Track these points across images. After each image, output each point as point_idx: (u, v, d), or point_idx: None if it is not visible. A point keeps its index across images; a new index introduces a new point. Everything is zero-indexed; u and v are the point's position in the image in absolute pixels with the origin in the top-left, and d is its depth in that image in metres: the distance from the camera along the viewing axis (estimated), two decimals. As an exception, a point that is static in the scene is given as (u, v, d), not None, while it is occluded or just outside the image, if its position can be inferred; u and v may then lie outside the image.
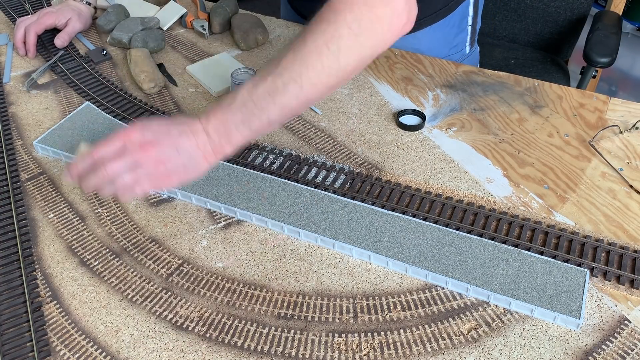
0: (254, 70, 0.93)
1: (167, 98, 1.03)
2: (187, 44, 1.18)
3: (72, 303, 0.69)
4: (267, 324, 0.67)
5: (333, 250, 0.75)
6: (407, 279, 0.71)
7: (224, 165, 0.85)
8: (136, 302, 0.69)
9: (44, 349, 0.64)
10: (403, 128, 0.94)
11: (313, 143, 0.92)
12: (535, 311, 0.66)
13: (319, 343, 0.65)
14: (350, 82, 1.05)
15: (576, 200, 0.80)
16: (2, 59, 1.14)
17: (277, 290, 0.70)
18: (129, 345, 0.65)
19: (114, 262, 0.74)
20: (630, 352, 0.62)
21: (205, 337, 0.66)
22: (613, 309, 0.67)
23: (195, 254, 0.75)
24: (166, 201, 0.82)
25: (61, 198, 0.83)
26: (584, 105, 0.98)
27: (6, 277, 0.72)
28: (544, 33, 1.58)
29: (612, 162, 0.86)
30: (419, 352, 0.63)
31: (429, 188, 0.83)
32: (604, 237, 0.75)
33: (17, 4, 1.31)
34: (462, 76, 1.05)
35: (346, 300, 0.69)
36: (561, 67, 1.55)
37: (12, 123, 0.97)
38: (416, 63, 1.09)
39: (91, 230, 0.78)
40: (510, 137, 0.92)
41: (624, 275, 0.69)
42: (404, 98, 1.01)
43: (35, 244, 0.77)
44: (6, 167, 0.88)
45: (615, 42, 1.39)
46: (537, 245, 0.73)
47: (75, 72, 1.08)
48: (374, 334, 0.65)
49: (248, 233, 0.77)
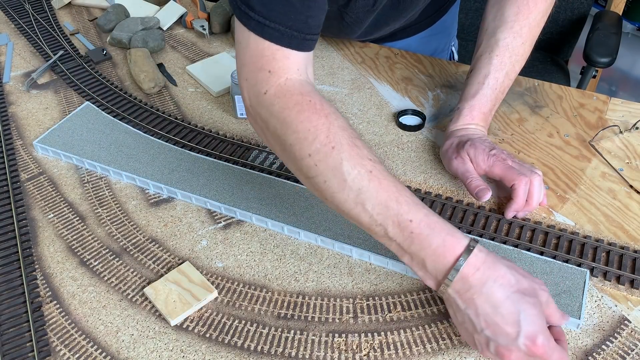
0: (254, 70, 0.93)
1: (167, 98, 1.03)
2: (187, 44, 1.18)
3: (72, 303, 0.69)
4: (267, 324, 0.67)
5: (333, 250, 0.75)
6: (407, 279, 0.71)
7: (224, 165, 0.85)
8: (136, 302, 0.69)
9: (44, 349, 0.64)
10: (403, 128, 0.94)
11: (313, 143, 0.91)
12: (535, 311, 0.66)
13: (319, 343, 0.65)
14: (350, 82, 1.05)
15: (576, 200, 0.80)
16: (2, 59, 1.14)
17: (277, 290, 0.70)
18: (129, 345, 0.65)
19: (114, 262, 0.74)
20: (630, 352, 0.62)
21: (205, 337, 0.66)
22: (613, 309, 0.67)
23: (195, 254, 0.75)
24: (166, 201, 0.82)
25: (61, 198, 0.83)
26: (584, 105, 0.98)
27: (6, 277, 0.72)
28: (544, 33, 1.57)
29: (612, 162, 0.86)
30: (419, 352, 0.63)
31: (429, 188, 0.83)
32: (604, 237, 0.75)
33: (17, 4, 1.31)
34: (462, 76, 1.05)
35: (346, 300, 0.69)
36: (561, 67, 1.55)
37: (12, 123, 0.97)
38: (416, 63, 1.09)
39: (91, 230, 0.78)
40: (510, 137, 0.92)
41: (624, 276, 0.69)
42: (404, 98, 1.01)
43: (35, 244, 0.77)
44: (6, 167, 0.88)
45: (615, 42, 1.39)
46: (537, 245, 0.73)
47: (75, 72, 1.08)
48: (374, 334, 0.65)
49: (248, 233, 0.77)
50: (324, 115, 0.61)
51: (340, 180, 0.59)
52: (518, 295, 0.54)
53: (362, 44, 1.14)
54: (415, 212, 0.57)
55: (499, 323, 0.54)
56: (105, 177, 0.86)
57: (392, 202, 0.58)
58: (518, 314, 0.53)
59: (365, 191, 0.58)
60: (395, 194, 0.58)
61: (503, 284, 0.54)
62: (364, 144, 0.62)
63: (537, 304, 0.54)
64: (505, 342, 0.54)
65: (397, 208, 0.57)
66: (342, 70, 1.08)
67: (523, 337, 0.53)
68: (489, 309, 0.54)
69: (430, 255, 0.57)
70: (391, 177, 0.60)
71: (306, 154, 0.60)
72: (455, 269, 0.55)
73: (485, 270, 0.55)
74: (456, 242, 0.56)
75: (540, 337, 0.53)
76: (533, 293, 0.55)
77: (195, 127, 0.94)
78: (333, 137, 0.59)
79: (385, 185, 0.58)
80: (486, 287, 0.54)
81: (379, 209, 0.58)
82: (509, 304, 0.54)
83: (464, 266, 0.55)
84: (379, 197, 0.58)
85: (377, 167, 0.59)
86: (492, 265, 0.55)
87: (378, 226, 0.59)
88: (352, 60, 1.11)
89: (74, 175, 0.87)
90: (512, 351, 0.54)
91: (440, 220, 0.58)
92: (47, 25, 1.23)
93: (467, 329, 0.57)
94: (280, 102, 0.62)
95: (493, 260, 0.56)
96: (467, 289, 0.55)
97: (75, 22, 1.26)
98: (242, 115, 0.96)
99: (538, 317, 0.54)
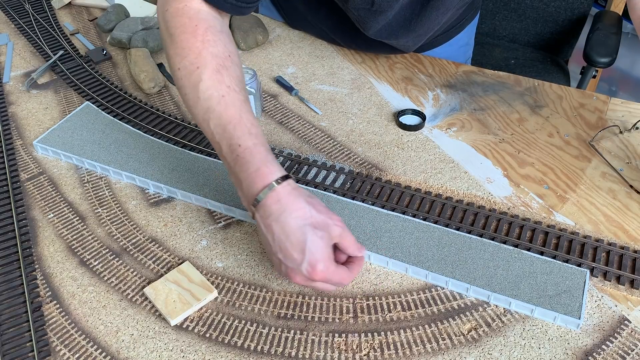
0: (254, 71, 0.93)
1: (167, 98, 1.03)
2: (187, 44, 1.18)
3: (72, 303, 0.69)
4: (267, 324, 0.67)
5: (333, 250, 0.74)
6: (407, 279, 0.71)
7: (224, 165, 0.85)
8: (136, 302, 0.69)
9: (44, 349, 0.64)
10: (403, 128, 0.94)
11: (313, 143, 0.92)
12: (535, 311, 0.66)
13: (319, 343, 0.65)
14: (350, 82, 1.05)
15: (576, 200, 0.80)
16: (2, 59, 1.14)
17: (277, 290, 0.70)
18: (129, 345, 0.65)
19: (114, 262, 0.74)
20: (630, 352, 0.62)
21: (205, 337, 0.66)
22: (613, 309, 0.67)
23: (195, 254, 0.75)
24: (166, 201, 0.82)
25: (61, 198, 0.83)
26: (584, 105, 0.98)
27: (6, 277, 0.72)
28: (544, 33, 1.58)
29: (612, 162, 0.86)
30: (419, 352, 0.63)
31: (429, 188, 0.83)
32: (604, 237, 0.75)
33: (17, 4, 1.31)
34: (462, 76, 1.05)
35: (346, 300, 0.69)
36: (561, 67, 1.55)
37: (12, 123, 0.97)
38: (416, 63, 1.09)
39: (91, 230, 0.78)
40: (511, 137, 0.92)
41: (624, 276, 0.69)
42: (404, 98, 1.01)
43: (35, 244, 0.77)
44: (6, 167, 0.88)
45: (615, 42, 1.39)
46: (537, 245, 0.73)
47: (75, 72, 1.08)
48: (374, 334, 0.65)
49: (248, 233, 0.77)
50: (201, 41, 0.69)
51: (195, 97, 0.68)
52: (309, 228, 0.61)
53: (362, 44, 1.14)
54: (246, 139, 0.65)
55: (288, 249, 0.61)
56: (105, 177, 0.86)
57: (230, 126, 0.66)
58: (304, 243, 0.60)
59: (211, 111, 0.67)
60: (236, 120, 0.66)
61: (298, 216, 0.61)
62: (235, 74, 0.69)
63: (325, 237, 0.61)
64: (292, 266, 0.62)
65: (232, 132, 0.65)
66: (342, 70, 1.08)
67: (306, 263, 0.60)
68: (282, 236, 0.61)
69: (245, 179, 0.64)
70: (242, 106, 0.67)
71: (177, 67, 0.70)
72: (260, 196, 0.63)
73: (285, 202, 0.62)
74: (268, 172, 0.63)
75: (320, 265, 0.60)
76: (324, 227, 0.62)
77: (195, 127, 0.94)
78: (202, 60, 0.68)
79: (230, 111, 0.66)
80: (282, 216, 0.62)
81: (219, 130, 0.66)
82: (299, 234, 0.61)
83: (268, 195, 0.62)
84: (221, 120, 0.66)
85: (231, 95, 0.67)
86: (293, 199, 0.62)
87: (216, 143, 0.67)
88: (352, 60, 1.11)
89: (74, 175, 0.87)
90: (297, 274, 0.62)
91: (266, 153, 0.65)
92: (47, 25, 1.23)
93: (268, 251, 0.65)
94: (173, 20, 0.72)
95: (296, 195, 0.63)
96: (268, 216, 0.62)
97: (75, 22, 1.26)
98: (242, 115, 0.96)
99: (322, 248, 0.61)
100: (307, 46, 1.15)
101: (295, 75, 1.07)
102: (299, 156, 0.88)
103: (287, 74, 1.07)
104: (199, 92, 0.67)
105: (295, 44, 1.16)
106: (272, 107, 1.00)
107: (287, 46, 1.16)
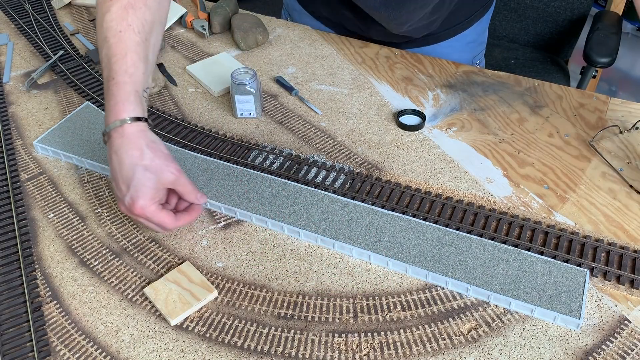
0: (254, 71, 0.93)
1: (167, 98, 1.03)
2: (187, 44, 1.18)
3: (72, 303, 0.69)
4: (267, 324, 0.67)
5: (333, 250, 0.75)
6: (407, 279, 0.71)
7: (224, 165, 0.85)
8: (136, 302, 0.69)
9: (44, 349, 0.64)
10: (403, 128, 0.94)
11: (313, 143, 0.92)
12: (535, 311, 0.66)
13: (319, 343, 0.65)
14: (350, 82, 1.05)
15: (576, 200, 0.80)
16: (2, 59, 1.14)
17: (277, 290, 0.70)
18: (129, 345, 0.65)
19: (114, 262, 0.74)
20: (630, 352, 0.62)
21: (205, 337, 0.66)
22: (613, 309, 0.67)
23: (195, 254, 0.75)
24: (166, 201, 0.82)
25: (61, 198, 0.83)
26: (584, 105, 0.98)
27: (6, 277, 0.72)
28: (544, 33, 1.58)
29: (612, 162, 0.86)
30: (419, 352, 0.63)
31: (429, 188, 0.83)
32: (604, 237, 0.75)
33: (17, 4, 1.31)
34: (462, 76, 1.05)
35: (346, 300, 0.69)
36: (561, 67, 1.55)
37: (12, 123, 0.97)
38: (416, 63, 1.09)
39: (91, 230, 0.78)
40: (510, 137, 0.92)
41: (624, 275, 0.69)
42: (404, 98, 1.01)
43: (35, 244, 0.77)
44: (6, 167, 0.88)
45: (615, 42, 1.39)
46: (537, 245, 0.73)
47: (75, 72, 1.08)
48: (374, 334, 0.65)
49: (248, 233, 0.77)
50: None
51: (100, 24, 0.76)
52: (140, 168, 0.69)
53: (362, 44, 1.14)
54: (121, 75, 0.72)
55: (118, 180, 0.70)
56: (105, 177, 0.86)
57: (113, 59, 0.73)
58: (131, 180, 0.69)
59: (105, 41, 0.74)
60: (120, 56, 0.73)
61: (132, 155, 0.70)
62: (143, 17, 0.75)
63: (154, 179, 0.69)
64: (119, 195, 0.71)
65: (112, 65, 0.73)
66: (342, 70, 1.08)
67: (129, 197, 0.69)
68: (117, 167, 0.70)
69: (107, 109, 0.73)
70: (133, 47, 0.74)
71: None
72: (109, 126, 0.71)
73: (127, 140, 0.70)
74: (123, 110, 0.71)
75: (140, 201, 0.68)
76: (156, 172, 0.70)
77: (195, 127, 0.94)
78: None
79: (120, 46, 0.73)
80: (120, 151, 0.70)
81: (105, 59, 0.74)
82: (129, 170, 0.69)
83: (115, 129, 0.71)
84: (109, 51, 0.74)
85: (128, 33, 0.74)
86: (135, 139, 0.70)
87: (101, 69, 0.76)
88: (352, 60, 1.11)
89: (74, 175, 0.87)
90: (122, 203, 0.70)
91: (131, 93, 0.72)
92: (47, 25, 1.23)
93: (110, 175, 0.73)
94: None
95: (139, 137, 0.71)
96: (111, 147, 0.71)
97: (75, 22, 1.26)
98: (242, 115, 0.96)
99: (147, 188, 0.69)
100: (307, 46, 1.15)
101: (295, 75, 1.07)
102: (299, 156, 0.88)
103: (287, 74, 1.08)
104: (103, 22, 0.75)
105: (295, 44, 1.16)
106: (272, 107, 1.00)
107: (287, 46, 1.16)
